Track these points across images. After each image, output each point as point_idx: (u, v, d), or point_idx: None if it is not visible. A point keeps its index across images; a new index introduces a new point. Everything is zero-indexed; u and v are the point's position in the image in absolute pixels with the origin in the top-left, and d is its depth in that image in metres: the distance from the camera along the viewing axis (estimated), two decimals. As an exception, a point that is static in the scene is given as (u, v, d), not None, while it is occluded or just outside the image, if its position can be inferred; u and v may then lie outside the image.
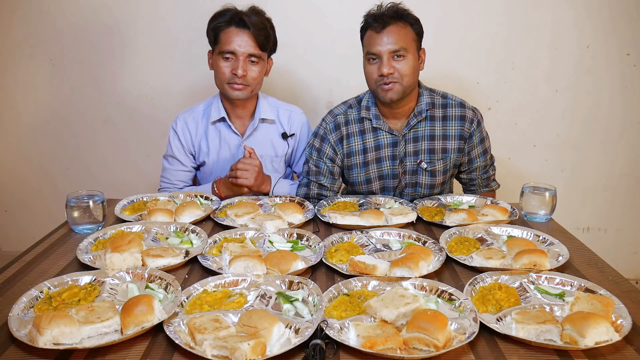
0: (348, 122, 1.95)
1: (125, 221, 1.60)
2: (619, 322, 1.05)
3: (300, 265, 1.29)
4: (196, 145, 2.06)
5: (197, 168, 2.14)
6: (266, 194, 1.94)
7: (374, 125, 1.92)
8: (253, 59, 1.90)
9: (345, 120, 1.95)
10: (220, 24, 1.88)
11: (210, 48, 1.98)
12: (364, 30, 1.85)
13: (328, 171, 1.98)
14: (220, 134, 2.04)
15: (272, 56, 2.03)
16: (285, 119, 2.09)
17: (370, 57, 1.80)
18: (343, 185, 2.11)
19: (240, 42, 1.87)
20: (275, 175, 2.05)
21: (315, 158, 1.98)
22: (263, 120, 2.05)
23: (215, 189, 1.95)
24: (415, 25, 1.81)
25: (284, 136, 2.07)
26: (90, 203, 1.53)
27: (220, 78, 1.93)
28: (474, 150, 1.96)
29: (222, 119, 2.02)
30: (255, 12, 1.91)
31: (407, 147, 1.92)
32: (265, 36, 1.90)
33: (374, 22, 1.78)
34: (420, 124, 1.91)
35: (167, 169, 2.09)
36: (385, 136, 1.92)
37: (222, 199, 1.86)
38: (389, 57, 1.76)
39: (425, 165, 1.92)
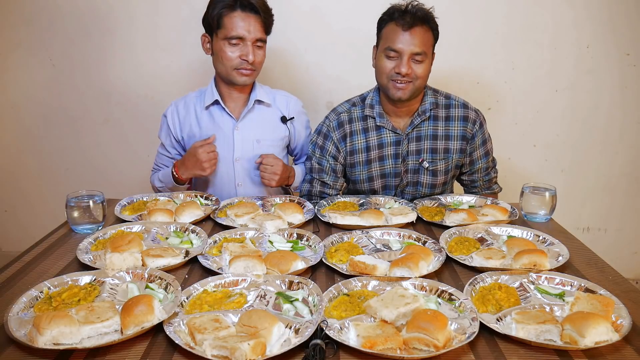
0: (351, 120, 1.95)
1: (125, 221, 1.61)
2: (618, 322, 1.05)
3: (300, 265, 1.29)
4: (185, 131, 2.02)
5: None
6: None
7: (378, 124, 1.92)
8: (259, 43, 1.88)
9: (348, 118, 1.95)
10: (224, 9, 1.83)
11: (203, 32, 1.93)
12: (384, 22, 1.80)
13: (331, 169, 1.98)
14: (214, 118, 2.00)
15: (272, 53, 2.02)
16: (284, 105, 2.06)
17: (390, 52, 1.77)
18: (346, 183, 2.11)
19: (248, 27, 1.82)
20: None
21: (318, 156, 1.99)
22: (259, 102, 2.02)
23: (174, 173, 1.95)
24: (435, 32, 1.80)
25: (284, 120, 2.04)
26: (90, 203, 1.54)
27: (226, 64, 1.88)
28: (476, 151, 1.96)
29: (216, 102, 1.99)
30: None
31: (409, 146, 1.92)
32: (270, 19, 1.88)
33: (401, 18, 1.73)
34: (423, 124, 1.91)
35: (158, 153, 2.13)
36: (388, 134, 1.92)
37: (183, 182, 1.92)
38: (409, 57, 1.75)
39: (427, 165, 1.92)
